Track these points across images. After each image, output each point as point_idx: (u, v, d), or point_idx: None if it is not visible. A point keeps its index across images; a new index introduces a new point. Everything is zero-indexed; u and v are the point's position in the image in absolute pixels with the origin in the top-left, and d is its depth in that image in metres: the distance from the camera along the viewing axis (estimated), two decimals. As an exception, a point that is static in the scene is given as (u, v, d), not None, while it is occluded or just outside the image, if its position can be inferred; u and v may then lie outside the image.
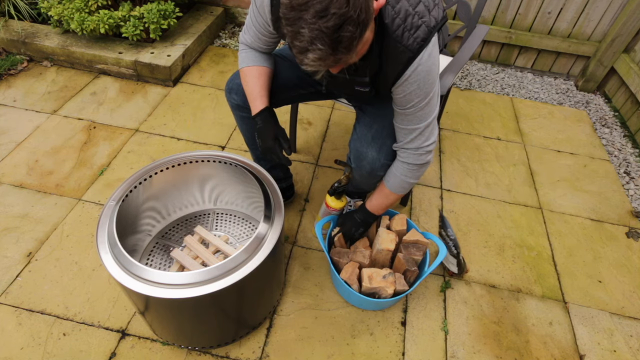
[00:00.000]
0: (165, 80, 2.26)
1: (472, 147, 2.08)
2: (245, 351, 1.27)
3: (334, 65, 0.78)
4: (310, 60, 0.74)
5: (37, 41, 2.27)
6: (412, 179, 1.16)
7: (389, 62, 0.96)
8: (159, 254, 1.37)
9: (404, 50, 0.92)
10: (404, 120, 1.07)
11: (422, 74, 0.96)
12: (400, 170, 1.15)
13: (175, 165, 1.26)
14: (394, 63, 0.95)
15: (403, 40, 0.91)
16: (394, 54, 0.94)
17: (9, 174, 1.74)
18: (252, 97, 1.19)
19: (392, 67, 0.96)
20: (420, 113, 1.04)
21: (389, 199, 1.25)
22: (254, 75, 1.18)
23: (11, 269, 1.42)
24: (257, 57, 1.20)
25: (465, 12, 1.61)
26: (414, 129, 1.07)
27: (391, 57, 0.95)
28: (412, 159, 1.12)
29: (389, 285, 1.26)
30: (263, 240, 1.05)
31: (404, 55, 0.93)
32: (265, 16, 1.07)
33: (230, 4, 2.82)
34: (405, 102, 1.02)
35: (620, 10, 2.31)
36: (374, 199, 1.28)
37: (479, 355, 1.31)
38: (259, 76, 1.19)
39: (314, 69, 0.78)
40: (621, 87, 2.39)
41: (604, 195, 1.89)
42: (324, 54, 0.73)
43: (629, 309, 1.47)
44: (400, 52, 0.93)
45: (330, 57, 0.74)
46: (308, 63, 0.75)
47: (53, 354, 1.23)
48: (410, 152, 1.11)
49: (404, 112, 1.05)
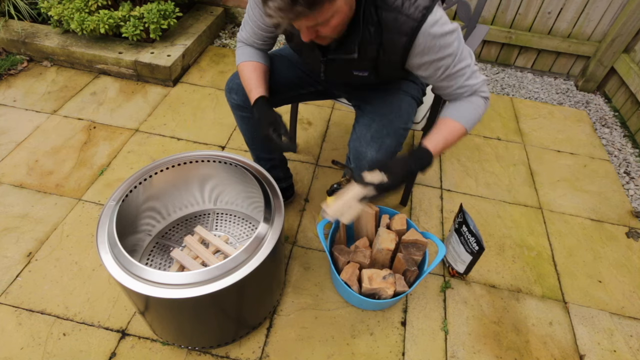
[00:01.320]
0: (165, 80, 2.26)
1: (472, 147, 2.09)
2: (245, 351, 1.27)
3: (295, 19, 0.79)
4: (271, 10, 0.76)
5: (37, 41, 2.27)
6: (481, 111, 1.05)
7: (389, 34, 0.93)
8: (159, 254, 1.37)
9: (405, 20, 0.90)
10: (449, 83, 1.01)
11: (435, 40, 0.92)
12: (467, 103, 1.04)
13: (175, 165, 1.26)
14: (396, 34, 0.93)
15: (404, 9, 0.89)
16: (394, 26, 0.92)
17: (9, 174, 1.74)
18: (248, 90, 1.18)
19: (394, 39, 0.94)
20: (456, 68, 0.98)
21: (453, 135, 1.04)
22: (249, 69, 1.19)
23: (11, 269, 1.42)
24: (252, 53, 1.20)
25: (465, 12, 1.61)
26: (463, 81, 1.01)
27: (392, 29, 0.92)
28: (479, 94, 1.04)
29: (389, 286, 1.26)
30: (263, 240, 1.05)
31: (406, 25, 0.91)
32: (260, 6, 1.08)
33: (230, 4, 2.82)
34: (432, 72, 0.98)
35: (620, 10, 2.31)
36: (437, 135, 1.03)
37: (479, 355, 1.31)
38: (254, 70, 1.18)
39: (275, 21, 0.79)
40: (621, 87, 2.39)
41: (604, 195, 1.89)
42: (283, 4, 0.75)
43: (629, 309, 1.47)
44: (402, 22, 0.91)
45: (289, 9, 0.75)
46: (269, 13, 0.77)
47: (53, 354, 1.23)
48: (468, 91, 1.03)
49: (442, 78, 1.00)
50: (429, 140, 1.02)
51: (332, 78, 1.19)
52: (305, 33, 0.87)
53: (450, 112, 1.06)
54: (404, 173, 0.98)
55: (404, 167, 0.99)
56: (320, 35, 0.90)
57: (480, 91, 1.04)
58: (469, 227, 1.39)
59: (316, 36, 0.89)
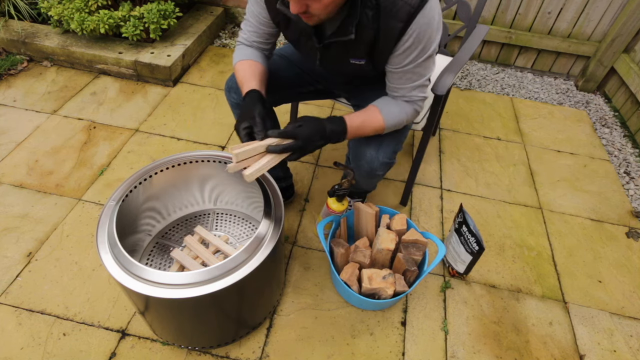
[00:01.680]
0: (165, 80, 2.27)
1: (472, 147, 2.09)
2: (245, 351, 1.27)
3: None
4: None
5: (37, 41, 2.27)
6: (410, 117, 1.12)
7: (387, 19, 0.93)
8: (159, 254, 1.37)
9: (403, 5, 0.90)
10: (401, 79, 1.04)
11: (423, 26, 0.93)
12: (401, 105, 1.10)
13: (175, 165, 1.26)
14: (393, 19, 0.93)
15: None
16: (392, 10, 0.92)
17: (9, 174, 1.74)
18: (241, 85, 1.14)
19: (391, 24, 0.94)
20: (420, 69, 1.01)
21: (372, 125, 1.10)
22: (244, 66, 1.15)
23: (11, 269, 1.42)
24: (249, 53, 1.18)
25: (465, 12, 1.61)
26: (412, 87, 1.06)
27: (389, 14, 0.92)
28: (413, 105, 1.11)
29: (389, 286, 1.26)
30: (263, 240, 1.05)
31: (403, 11, 0.91)
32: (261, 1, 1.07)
33: (230, 4, 2.82)
34: (403, 57, 0.99)
35: (620, 10, 2.31)
36: (355, 116, 1.08)
37: (479, 355, 1.31)
38: (248, 66, 1.15)
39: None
40: (621, 87, 2.39)
41: (604, 195, 1.89)
42: None
43: (629, 309, 1.47)
44: (400, 7, 0.91)
45: None
46: None
47: (53, 354, 1.23)
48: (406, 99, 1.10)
49: (403, 70, 1.02)
50: (349, 116, 1.06)
51: (328, 66, 1.16)
52: (296, 4, 0.86)
53: (382, 106, 1.10)
54: (317, 127, 0.98)
55: (318, 123, 1.00)
56: (309, 12, 0.88)
57: (416, 103, 1.10)
58: (469, 227, 1.39)
59: (305, 11, 0.88)
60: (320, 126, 0.99)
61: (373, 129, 1.10)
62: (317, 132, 0.98)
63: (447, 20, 2.53)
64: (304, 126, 0.97)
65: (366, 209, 1.39)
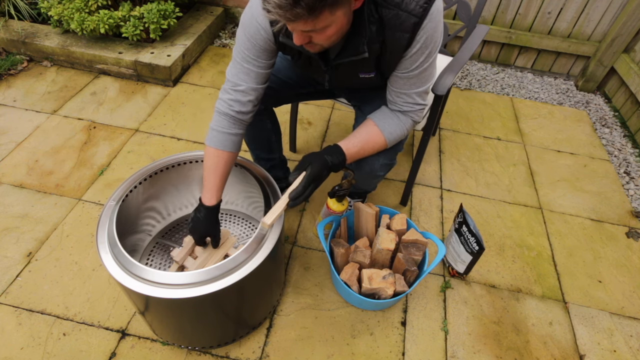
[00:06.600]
0: (165, 80, 2.26)
1: (472, 147, 2.09)
2: (245, 351, 1.27)
3: (293, 20, 0.78)
4: (271, 5, 0.75)
5: (37, 41, 2.27)
6: (409, 129, 1.14)
7: (391, 31, 0.94)
8: (159, 254, 1.37)
9: (407, 16, 0.90)
10: (406, 84, 1.05)
11: (430, 30, 0.93)
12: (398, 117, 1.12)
13: (175, 165, 1.26)
14: (398, 32, 0.93)
15: (403, 5, 0.90)
16: (395, 23, 0.92)
17: (9, 174, 1.74)
18: (205, 185, 1.10)
19: (396, 37, 0.94)
20: (425, 74, 1.03)
21: (373, 147, 1.13)
22: (213, 163, 1.09)
23: (11, 269, 1.42)
24: (224, 139, 1.09)
25: (465, 12, 1.62)
26: (416, 93, 1.07)
27: (393, 27, 0.93)
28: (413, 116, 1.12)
29: (388, 286, 1.26)
30: (263, 240, 1.05)
31: (408, 22, 0.91)
32: (261, 37, 1.01)
33: (230, 4, 2.82)
34: (412, 61, 0.99)
35: (620, 10, 2.31)
36: (354, 141, 1.10)
37: (479, 355, 1.31)
38: (216, 166, 1.09)
39: (273, 17, 0.78)
40: (621, 87, 2.39)
41: (604, 195, 1.89)
42: (284, 3, 0.73)
43: (629, 309, 1.47)
44: (404, 19, 0.91)
45: (289, 9, 0.74)
46: (268, 8, 0.76)
47: (53, 354, 1.23)
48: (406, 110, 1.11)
49: (408, 76, 1.03)
50: (347, 142, 1.09)
51: (337, 83, 1.17)
52: (299, 37, 0.86)
53: (383, 124, 1.11)
54: (321, 164, 1.04)
55: (320, 159, 1.04)
56: (312, 42, 0.89)
57: (415, 113, 1.10)
58: (469, 227, 1.39)
59: (308, 42, 0.88)
60: (323, 160, 1.05)
61: (374, 150, 1.13)
62: (324, 168, 1.04)
63: (447, 20, 2.53)
64: (313, 165, 1.03)
65: (366, 209, 1.39)
